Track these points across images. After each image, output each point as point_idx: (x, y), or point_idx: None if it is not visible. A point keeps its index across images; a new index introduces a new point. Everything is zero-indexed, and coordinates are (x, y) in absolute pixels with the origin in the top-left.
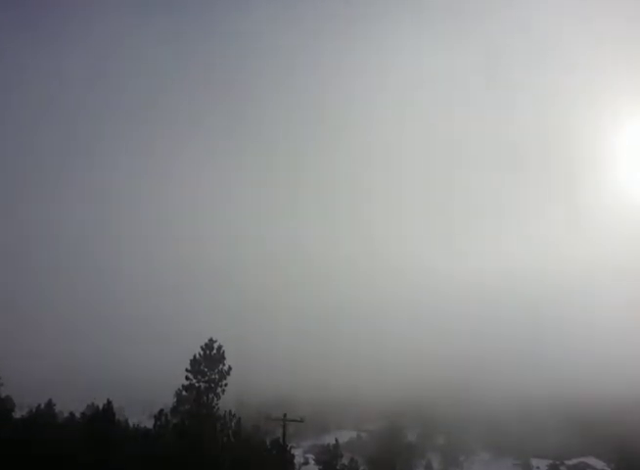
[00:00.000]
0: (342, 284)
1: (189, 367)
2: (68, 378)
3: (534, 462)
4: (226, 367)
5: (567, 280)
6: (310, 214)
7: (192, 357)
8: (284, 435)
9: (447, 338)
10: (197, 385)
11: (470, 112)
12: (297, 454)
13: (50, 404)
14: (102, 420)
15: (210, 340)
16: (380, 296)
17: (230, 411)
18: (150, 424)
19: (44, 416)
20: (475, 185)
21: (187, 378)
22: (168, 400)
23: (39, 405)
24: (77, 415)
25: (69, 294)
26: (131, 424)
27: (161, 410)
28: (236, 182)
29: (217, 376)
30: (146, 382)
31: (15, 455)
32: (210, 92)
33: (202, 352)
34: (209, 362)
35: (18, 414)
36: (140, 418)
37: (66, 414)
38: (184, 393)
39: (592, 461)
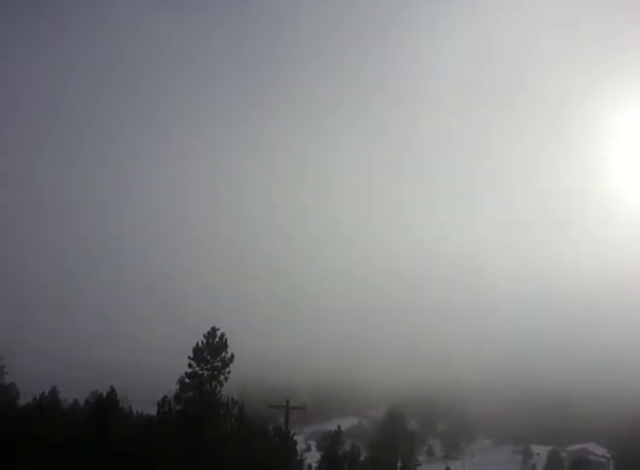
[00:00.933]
0: (343, 275)
1: (192, 355)
2: (72, 366)
3: (535, 449)
4: (229, 355)
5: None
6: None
7: (195, 345)
8: (286, 422)
9: (450, 328)
10: (200, 372)
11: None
12: (300, 441)
13: (54, 392)
14: (105, 407)
15: (213, 328)
16: (382, 288)
17: (233, 398)
18: (153, 411)
19: (48, 404)
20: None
21: (190, 366)
22: (172, 388)
23: (43, 393)
24: (81, 403)
25: (73, 283)
26: (135, 411)
27: (165, 397)
28: (242, 165)
29: (220, 364)
30: (149, 370)
31: (20, 442)
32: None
33: (204, 341)
34: (212, 350)
35: (22, 402)
36: (143, 405)
37: (70, 401)
38: (187, 380)
39: (592, 447)
